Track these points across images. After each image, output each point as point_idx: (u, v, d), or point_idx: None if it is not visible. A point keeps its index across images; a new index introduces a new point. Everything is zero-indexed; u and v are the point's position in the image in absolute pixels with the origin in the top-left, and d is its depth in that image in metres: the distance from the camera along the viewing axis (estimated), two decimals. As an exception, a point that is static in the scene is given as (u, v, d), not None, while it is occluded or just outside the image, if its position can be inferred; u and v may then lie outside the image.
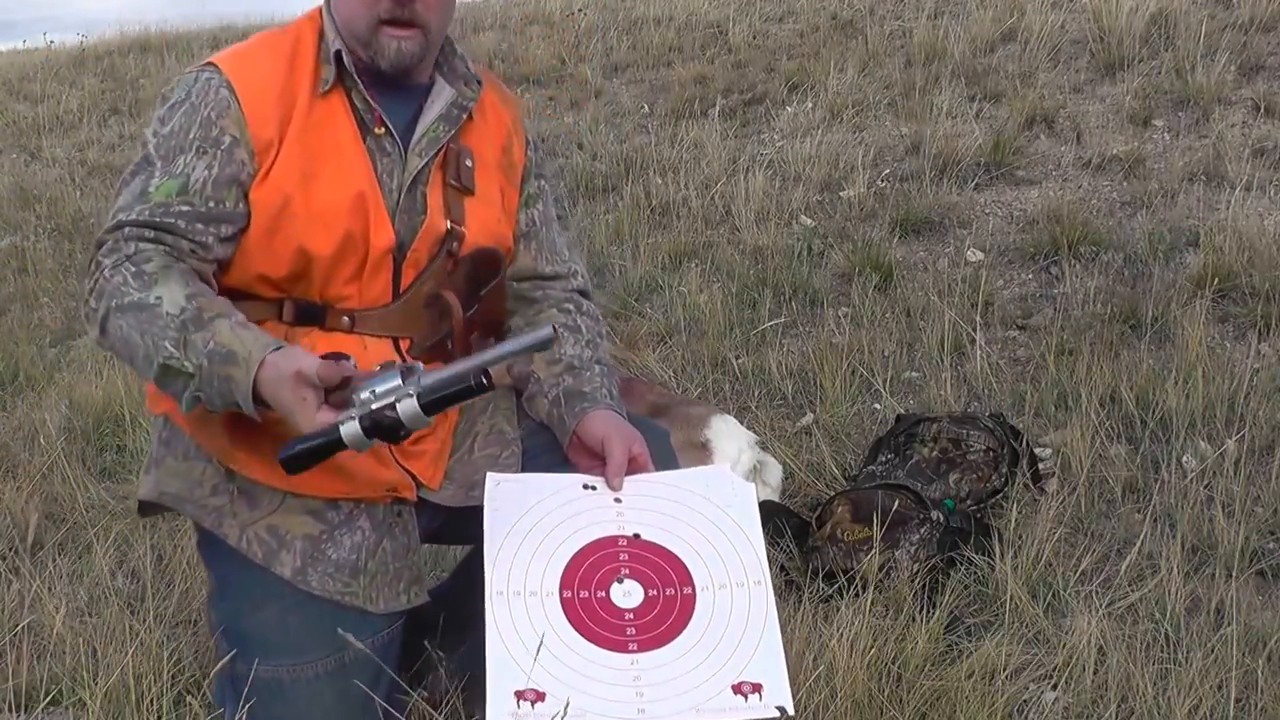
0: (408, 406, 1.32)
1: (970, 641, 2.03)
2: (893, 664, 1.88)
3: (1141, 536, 2.28)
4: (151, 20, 12.05)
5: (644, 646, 1.41)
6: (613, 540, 1.49)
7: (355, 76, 1.57)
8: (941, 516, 2.35)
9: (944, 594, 2.15)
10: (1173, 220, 3.86)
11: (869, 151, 4.72)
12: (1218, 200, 3.93)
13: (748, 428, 2.76)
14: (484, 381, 1.34)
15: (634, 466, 1.59)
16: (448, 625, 1.80)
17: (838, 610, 1.97)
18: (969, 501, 2.53)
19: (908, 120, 4.97)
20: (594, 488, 1.55)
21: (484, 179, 1.67)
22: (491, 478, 1.55)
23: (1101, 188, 4.24)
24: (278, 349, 1.40)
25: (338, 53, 1.56)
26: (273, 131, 1.53)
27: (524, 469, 1.68)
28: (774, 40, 6.59)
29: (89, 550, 2.47)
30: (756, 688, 1.38)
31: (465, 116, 1.64)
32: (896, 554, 2.26)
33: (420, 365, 1.41)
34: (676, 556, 1.48)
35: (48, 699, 1.94)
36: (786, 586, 2.27)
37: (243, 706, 1.56)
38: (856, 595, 2.10)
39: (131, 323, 1.43)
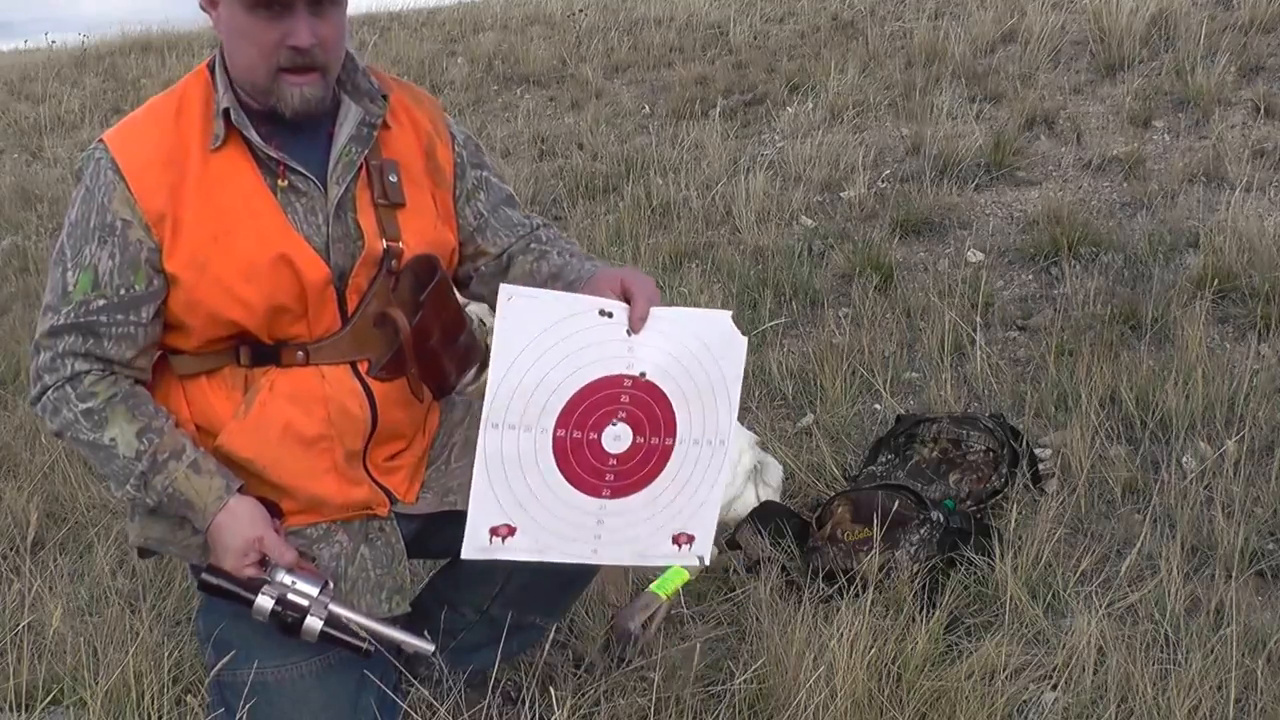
0: (312, 623, 1.51)
1: (970, 641, 2.03)
2: (893, 664, 1.88)
3: (1141, 537, 2.28)
4: (153, 20, 12.07)
5: (615, 493, 1.54)
6: (619, 379, 1.52)
7: (251, 129, 1.54)
8: (941, 517, 2.35)
9: (944, 594, 2.15)
10: (1173, 221, 3.86)
11: (869, 152, 4.72)
12: (1218, 201, 3.93)
13: (748, 428, 2.76)
14: (370, 650, 1.54)
15: (629, 300, 1.58)
16: (428, 626, 1.81)
17: (838, 610, 1.96)
18: (969, 502, 2.53)
19: (908, 121, 4.97)
20: (610, 314, 1.51)
21: (412, 188, 1.65)
22: (504, 290, 1.48)
23: (1101, 188, 4.24)
24: (233, 495, 1.54)
25: (226, 110, 1.54)
26: (163, 201, 1.51)
27: None
28: (775, 41, 6.59)
29: (90, 550, 2.48)
30: (690, 539, 1.57)
31: (377, 131, 1.62)
32: (896, 554, 2.27)
33: (330, 585, 1.55)
34: (670, 404, 1.55)
35: (48, 698, 1.94)
36: (787, 587, 2.27)
37: (241, 707, 1.56)
38: (856, 595, 2.10)
39: (88, 453, 1.57)
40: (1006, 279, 3.76)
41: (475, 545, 1.50)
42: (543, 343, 1.48)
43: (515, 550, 1.51)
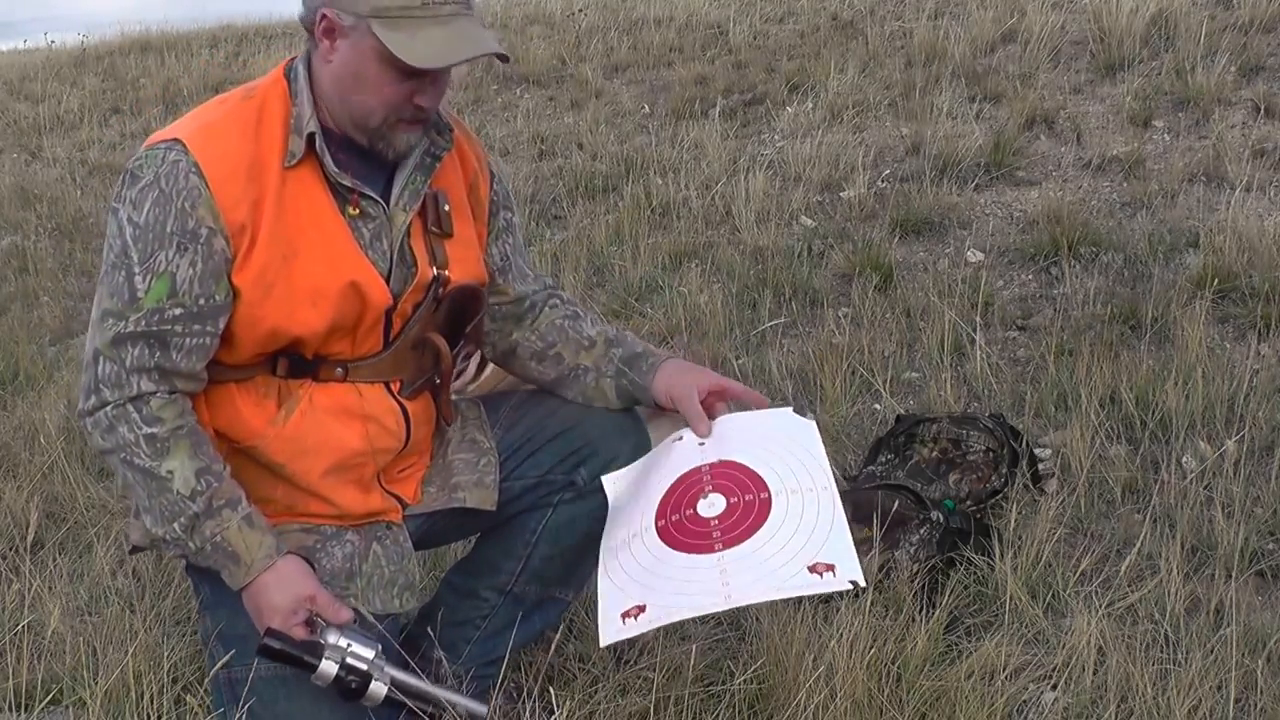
0: (378, 688, 1.51)
1: (970, 641, 2.03)
2: (893, 664, 1.87)
3: (1141, 537, 2.28)
4: (152, 20, 12.07)
5: (728, 544, 1.55)
6: (697, 470, 1.64)
7: (328, 156, 1.53)
8: (941, 517, 2.35)
9: (944, 594, 2.15)
10: (1173, 221, 3.86)
11: (869, 152, 4.72)
12: (1218, 201, 3.93)
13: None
14: (432, 715, 1.57)
15: (709, 403, 1.70)
16: (445, 621, 1.81)
17: (838, 610, 1.96)
18: (969, 502, 2.53)
19: (908, 121, 4.97)
20: (680, 438, 1.69)
21: (459, 220, 1.68)
22: (606, 480, 1.68)
23: (1101, 188, 4.24)
24: (281, 556, 1.52)
25: (310, 135, 1.52)
26: (244, 212, 1.49)
27: (501, 469, 1.75)
28: (774, 41, 6.59)
29: (89, 550, 2.48)
30: (830, 567, 1.52)
31: (440, 163, 1.64)
32: (896, 554, 2.26)
33: (380, 647, 1.55)
34: (754, 470, 1.63)
35: (48, 698, 1.94)
36: (786, 586, 2.27)
37: (242, 706, 1.57)
38: (856, 595, 2.10)
39: (139, 480, 1.50)
40: (1006, 279, 3.76)
41: (612, 631, 1.53)
42: (638, 484, 1.65)
43: (648, 623, 1.52)
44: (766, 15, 7.08)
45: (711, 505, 1.59)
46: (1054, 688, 1.91)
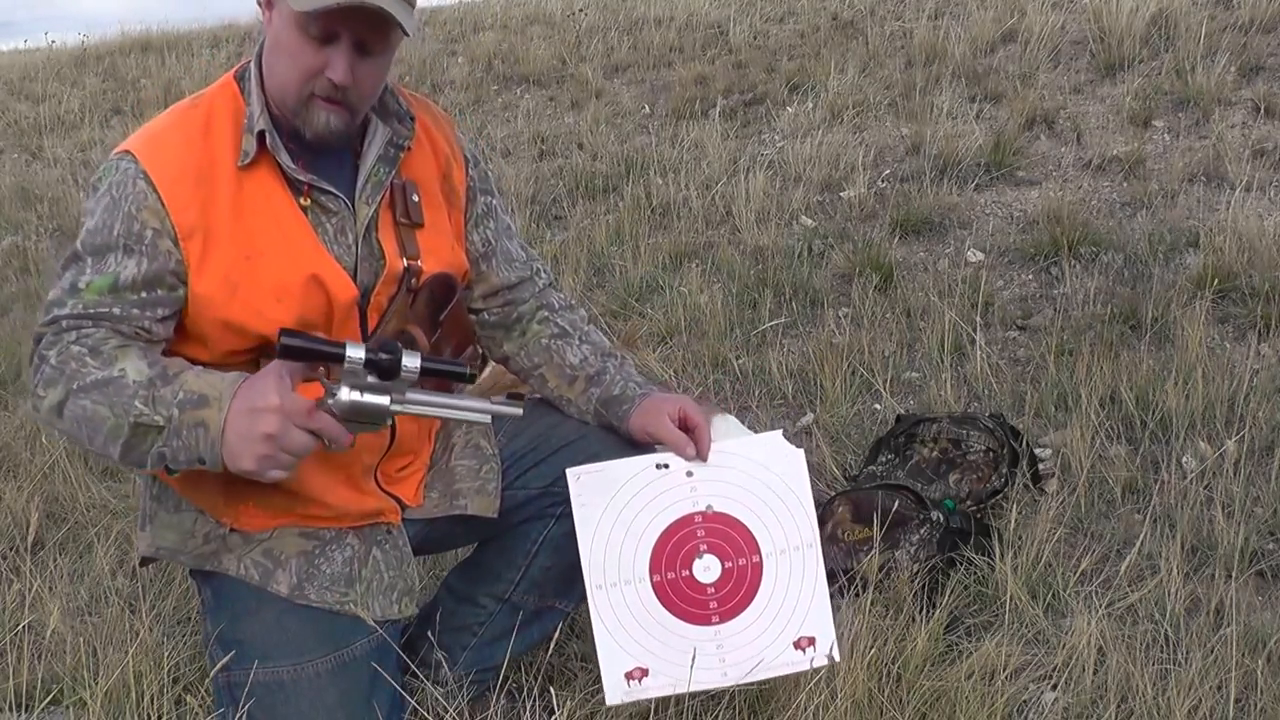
0: (411, 357, 1.38)
1: (970, 641, 2.03)
2: (893, 664, 1.88)
3: (1141, 537, 2.28)
4: (153, 20, 12.10)
5: (724, 617, 1.64)
6: (690, 518, 1.66)
7: (283, 151, 1.53)
8: (941, 517, 2.35)
9: (944, 594, 2.15)
10: (1173, 221, 3.86)
11: (869, 152, 4.72)
12: (1218, 201, 3.93)
13: (748, 428, 2.76)
14: (475, 374, 1.53)
15: (691, 430, 1.69)
16: (443, 626, 1.81)
17: (838, 610, 1.96)
18: (969, 502, 2.53)
19: (908, 121, 4.97)
20: (666, 465, 1.68)
21: (431, 209, 1.67)
22: (571, 473, 1.65)
23: (1101, 188, 4.24)
24: (245, 378, 1.42)
25: (261, 133, 1.52)
26: (194, 216, 1.49)
27: (504, 479, 1.74)
28: (774, 40, 6.59)
29: (90, 550, 2.48)
30: (811, 641, 1.65)
31: (404, 153, 1.63)
32: (896, 554, 2.27)
33: None
34: (745, 526, 1.67)
35: (48, 699, 1.94)
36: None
37: (242, 707, 1.57)
38: (856, 595, 2.11)
39: (97, 398, 1.42)
40: (1006, 279, 3.76)
41: (618, 692, 1.60)
42: (615, 505, 1.64)
43: (654, 689, 1.60)
44: (766, 15, 7.08)
45: (707, 569, 1.65)
46: (1054, 688, 1.91)
